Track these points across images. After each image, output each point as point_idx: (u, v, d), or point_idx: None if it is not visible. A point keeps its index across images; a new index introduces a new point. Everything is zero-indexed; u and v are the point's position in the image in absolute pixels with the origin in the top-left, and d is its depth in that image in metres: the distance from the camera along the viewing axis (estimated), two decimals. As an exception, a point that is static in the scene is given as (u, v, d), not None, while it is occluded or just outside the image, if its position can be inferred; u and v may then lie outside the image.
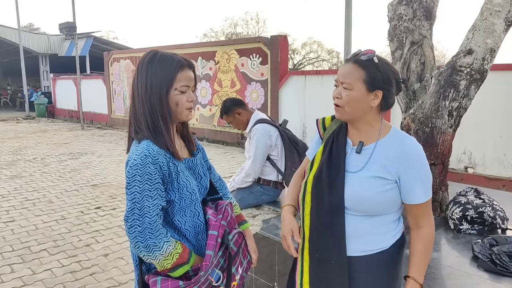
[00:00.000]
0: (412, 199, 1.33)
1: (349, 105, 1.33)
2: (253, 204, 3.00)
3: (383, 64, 1.33)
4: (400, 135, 1.38)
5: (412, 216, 1.38)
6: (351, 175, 1.35)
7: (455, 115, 2.57)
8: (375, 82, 1.32)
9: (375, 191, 1.31)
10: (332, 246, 1.36)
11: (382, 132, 1.38)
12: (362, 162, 1.35)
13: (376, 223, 1.36)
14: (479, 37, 2.50)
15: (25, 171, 7.14)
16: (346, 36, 6.02)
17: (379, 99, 1.34)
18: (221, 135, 10.19)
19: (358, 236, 1.36)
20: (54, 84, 17.74)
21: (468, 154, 5.91)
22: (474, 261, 1.97)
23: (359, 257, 1.37)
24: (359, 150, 1.37)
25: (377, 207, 1.34)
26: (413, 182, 1.31)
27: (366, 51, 1.34)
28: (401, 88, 1.39)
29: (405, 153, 1.32)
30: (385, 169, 1.32)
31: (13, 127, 14.27)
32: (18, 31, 18.32)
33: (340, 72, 1.36)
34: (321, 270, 1.39)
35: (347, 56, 6.15)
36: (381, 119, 1.40)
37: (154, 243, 1.24)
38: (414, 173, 1.31)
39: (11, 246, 3.90)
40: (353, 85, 1.32)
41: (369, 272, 1.37)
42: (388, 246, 1.38)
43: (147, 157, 1.26)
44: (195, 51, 10.57)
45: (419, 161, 1.32)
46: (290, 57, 31.13)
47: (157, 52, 1.37)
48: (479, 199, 2.41)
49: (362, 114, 1.36)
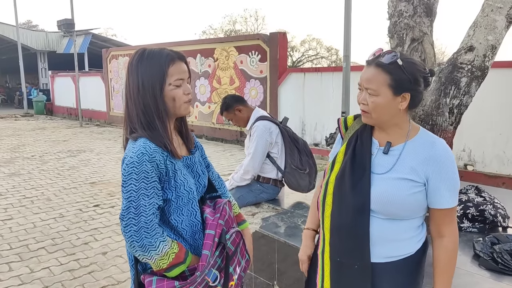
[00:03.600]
0: (439, 203, 1.29)
1: (375, 111, 1.29)
2: (252, 202, 2.98)
3: (408, 64, 1.27)
4: (430, 137, 1.33)
5: (435, 224, 1.33)
6: (378, 177, 1.30)
7: (456, 113, 2.56)
8: (401, 85, 1.26)
9: (404, 193, 1.26)
10: (356, 250, 1.31)
11: (410, 133, 1.33)
12: (389, 164, 1.31)
13: (402, 228, 1.31)
14: (480, 34, 2.48)
15: (23, 169, 7.12)
16: (346, 33, 5.99)
17: (407, 101, 1.29)
18: (220, 133, 10.16)
19: (383, 241, 1.31)
20: (53, 81, 17.68)
21: (468, 152, 5.90)
22: (475, 260, 1.96)
23: (383, 263, 1.31)
24: (387, 151, 1.32)
25: (405, 210, 1.29)
26: (441, 186, 1.27)
27: (388, 52, 1.27)
28: (429, 82, 1.32)
29: (435, 155, 1.27)
30: (414, 171, 1.27)
31: (11, 124, 14.23)
32: (16, 28, 18.23)
33: (363, 76, 1.30)
34: (343, 275, 1.34)
35: (347, 52, 6.13)
36: (409, 119, 1.35)
37: (149, 243, 1.22)
38: (443, 176, 1.27)
39: (9, 244, 3.88)
40: (378, 91, 1.26)
41: (393, 280, 1.32)
42: (413, 251, 1.34)
43: (144, 155, 1.24)
44: (194, 48, 10.53)
45: (449, 164, 1.28)
46: (289, 54, 31.06)
47: (145, 50, 1.33)
48: (480, 197, 2.40)
49: (390, 118, 1.31)
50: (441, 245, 1.31)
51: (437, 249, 1.32)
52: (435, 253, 1.33)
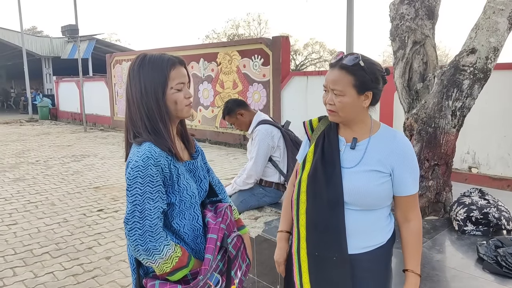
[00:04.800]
0: (404, 190, 1.40)
1: (343, 110, 1.38)
2: (255, 206, 2.98)
3: (369, 65, 1.37)
4: (392, 131, 1.45)
5: (401, 210, 1.44)
6: (348, 171, 1.39)
7: (459, 115, 2.54)
8: (364, 85, 1.36)
9: (373, 183, 1.36)
10: (333, 243, 1.38)
11: (373, 128, 1.44)
12: (357, 157, 1.40)
13: (374, 218, 1.41)
14: (482, 36, 2.47)
15: (28, 174, 7.15)
16: (348, 36, 6.00)
17: (369, 99, 1.39)
18: (223, 137, 10.17)
19: (358, 232, 1.39)
20: (57, 87, 17.80)
21: (472, 154, 5.87)
22: (479, 263, 1.94)
23: (360, 254, 1.39)
24: (354, 146, 1.42)
25: (375, 200, 1.38)
26: (406, 175, 1.38)
27: (350, 54, 1.37)
28: (386, 80, 1.42)
29: (398, 147, 1.39)
30: (380, 162, 1.37)
31: (16, 129, 14.32)
32: (21, 34, 18.40)
33: (329, 78, 1.39)
34: (322, 269, 1.40)
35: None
36: (370, 116, 1.46)
37: (154, 247, 1.22)
38: (406, 166, 1.38)
39: (14, 249, 3.90)
40: (344, 91, 1.35)
41: (370, 270, 1.41)
42: (385, 241, 1.44)
43: (149, 159, 1.25)
44: (197, 53, 10.58)
45: (410, 155, 1.40)
46: (292, 58, 31.10)
47: (146, 55, 1.35)
48: (483, 200, 2.38)
49: (356, 116, 1.41)
50: (409, 229, 1.43)
51: (406, 232, 1.44)
52: (404, 236, 1.44)
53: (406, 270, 1.41)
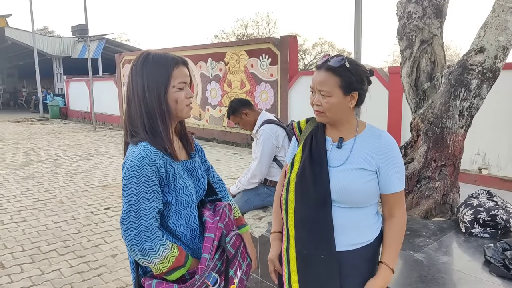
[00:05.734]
0: (390, 188, 1.42)
1: (330, 111, 1.41)
2: (259, 206, 2.97)
3: (354, 66, 1.40)
4: (377, 130, 1.48)
5: (387, 207, 1.47)
6: (335, 169, 1.42)
7: (467, 115, 2.50)
8: (350, 85, 1.39)
9: (360, 181, 1.39)
10: (321, 240, 1.40)
11: (359, 128, 1.47)
12: (344, 156, 1.43)
13: (361, 215, 1.43)
14: (491, 35, 2.43)
15: (38, 172, 7.23)
16: (356, 36, 5.95)
17: (355, 100, 1.42)
18: (231, 136, 10.18)
19: (346, 229, 1.41)
20: (67, 86, 17.98)
21: (482, 155, 5.78)
22: (486, 266, 1.91)
23: (348, 251, 1.42)
24: (340, 145, 1.45)
25: (362, 197, 1.41)
26: (391, 172, 1.41)
27: (336, 56, 1.40)
28: (371, 81, 1.45)
29: (383, 145, 1.42)
30: (366, 161, 1.40)
31: (27, 128, 14.50)
32: (33, 34, 18.61)
33: (316, 80, 1.42)
34: (310, 267, 1.42)
35: (357, 54, 6.09)
36: (356, 116, 1.49)
37: (150, 247, 1.22)
38: (392, 164, 1.41)
39: (22, 246, 3.94)
40: (331, 92, 1.38)
41: (357, 267, 1.43)
42: (373, 239, 1.46)
43: (144, 159, 1.24)
44: (205, 52, 10.59)
45: (395, 153, 1.43)
46: (301, 57, 31.01)
47: (149, 53, 1.35)
48: (491, 202, 2.34)
49: (342, 116, 1.44)
50: (392, 223, 1.46)
51: (388, 226, 1.47)
52: (386, 229, 1.47)
53: (380, 262, 1.44)
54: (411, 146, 2.87)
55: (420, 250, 2.12)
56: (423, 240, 2.25)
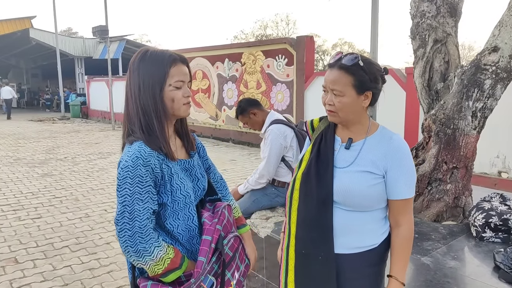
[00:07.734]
0: (395, 194, 1.36)
1: (342, 110, 1.36)
2: (267, 206, 2.94)
3: (368, 64, 1.35)
4: (388, 133, 1.42)
5: (393, 214, 1.40)
6: (340, 170, 1.38)
7: (479, 116, 2.43)
8: (363, 85, 1.34)
9: (364, 185, 1.34)
10: (320, 241, 1.37)
11: (370, 130, 1.42)
12: (351, 158, 1.39)
13: (365, 219, 1.38)
14: (506, 34, 2.35)
15: (56, 170, 7.39)
16: (372, 34, 5.86)
17: (369, 99, 1.37)
18: (246, 136, 10.18)
19: (346, 232, 1.37)
20: (88, 86, 18.36)
21: (502, 158, 5.61)
22: (496, 272, 1.85)
23: (348, 255, 1.38)
24: (348, 146, 1.41)
25: (366, 201, 1.36)
26: (399, 178, 1.35)
27: (349, 54, 1.35)
28: (385, 80, 1.40)
29: (393, 149, 1.36)
30: (374, 164, 1.35)
31: (48, 127, 14.86)
32: (55, 35, 19.07)
33: (328, 79, 1.37)
34: (308, 267, 1.39)
35: (374, 54, 6.00)
36: (369, 117, 1.44)
37: (144, 248, 1.20)
38: (401, 169, 1.35)
39: (36, 242, 4.03)
40: (344, 92, 1.34)
41: (360, 271, 1.39)
42: (377, 244, 1.40)
43: (138, 159, 1.22)
44: (222, 53, 10.63)
45: (406, 158, 1.37)
46: (321, 58, 30.81)
47: (148, 50, 1.33)
48: (504, 205, 2.26)
49: (355, 116, 1.39)
50: (398, 233, 1.39)
51: (394, 237, 1.40)
52: (393, 240, 1.40)
53: (390, 276, 1.38)
54: (422, 147, 2.80)
55: (427, 254, 2.06)
56: (432, 244, 2.19)
